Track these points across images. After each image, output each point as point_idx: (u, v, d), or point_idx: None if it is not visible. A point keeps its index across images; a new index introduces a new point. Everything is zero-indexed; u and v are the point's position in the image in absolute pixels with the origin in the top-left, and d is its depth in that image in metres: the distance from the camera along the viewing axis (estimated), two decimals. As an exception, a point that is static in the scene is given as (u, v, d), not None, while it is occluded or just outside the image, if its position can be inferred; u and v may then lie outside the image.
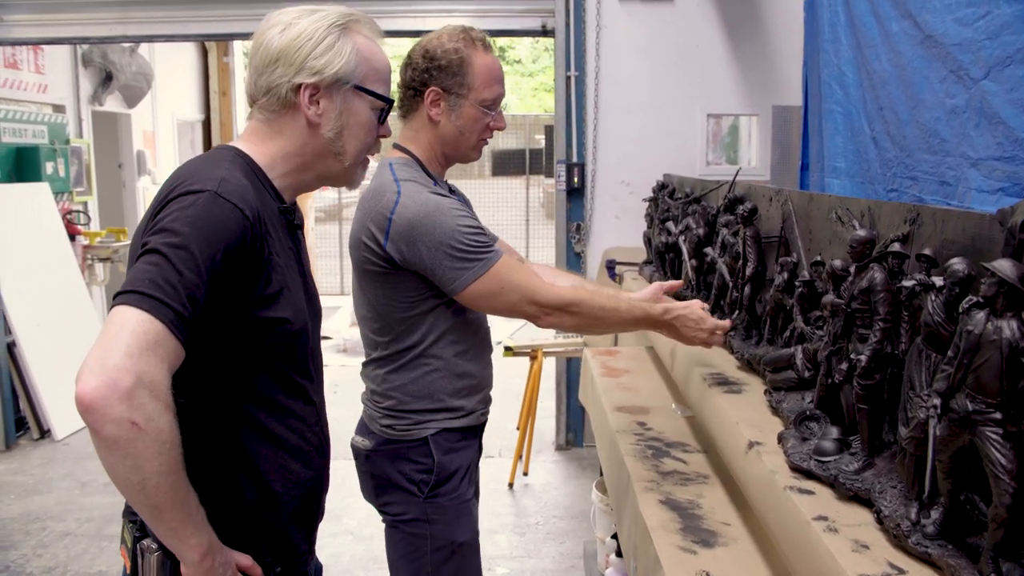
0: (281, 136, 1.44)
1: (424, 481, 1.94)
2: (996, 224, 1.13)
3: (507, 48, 23.36)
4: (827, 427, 1.52)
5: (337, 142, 1.45)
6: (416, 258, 1.81)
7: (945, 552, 1.12)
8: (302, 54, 1.39)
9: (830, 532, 1.26)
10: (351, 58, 1.42)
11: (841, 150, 3.88)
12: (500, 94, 1.97)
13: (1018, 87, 2.56)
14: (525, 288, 1.84)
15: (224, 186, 1.27)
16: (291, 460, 1.42)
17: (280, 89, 1.40)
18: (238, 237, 1.25)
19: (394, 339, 1.94)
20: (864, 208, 1.60)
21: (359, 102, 1.46)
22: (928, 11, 3.04)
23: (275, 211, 1.41)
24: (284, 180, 1.45)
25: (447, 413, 1.97)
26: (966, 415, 1.02)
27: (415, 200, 1.83)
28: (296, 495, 1.44)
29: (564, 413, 5.20)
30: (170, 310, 1.15)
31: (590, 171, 4.96)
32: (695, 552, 1.60)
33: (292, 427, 1.43)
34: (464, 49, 1.92)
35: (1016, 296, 0.97)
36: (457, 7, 4.85)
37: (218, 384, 1.34)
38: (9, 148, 5.95)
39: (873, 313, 1.32)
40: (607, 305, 1.90)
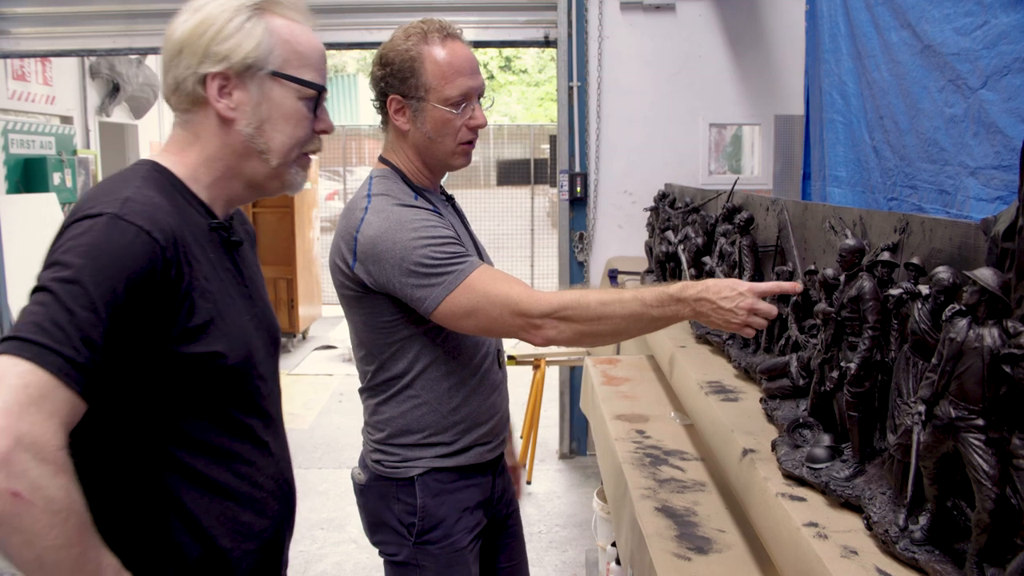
0: (199, 140, 1.27)
1: (412, 525, 1.81)
2: (981, 233, 1.15)
3: (513, 58, 23.49)
4: (819, 434, 1.53)
5: (258, 138, 1.27)
6: (384, 279, 1.66)
7: (932, 557, 1.13)
8: (205, 40, 1.22)
9: (820, 538, 1.28)
10: (264, 40, 1.24)
11: (842, 159, 3.89)
12: (469, 87, 1.74)
13: (1015, 96, 2.58)
14: (504, 299, 1.59)
15: (128, 207, 1.11)
16: (241, 511, 1.27)
17: (187, 83, 1.24)
18: (144, 265, 1.09)
19: (379, 369, 1.80)
20: (856, 217, 1.62)
21: (280, 91, 1.27)
22: (927, 21, 3.05)
23: (203, 229, 1.25)
24: (211, 192, 1.29)
25: (437, 449, 1.81)
26: (949, 422, 1.03)
27: (378, 215, 1.68)
28: (249, 549, 1.29)
29: (568, 422, 5.21)
30: (58, 357, 0.99)
31: (593, 181, 4.98)
32: (689, 559, 1.61)
33: (240, 473, 1.27)
34: (416, 47, 1.71)
35: (997, 304, 0.99)
36: (459, 18, 4.88)
37: (145, 432, 1.18)
38: (17, 159, 6.01)
39: (862, 321, 1.34)
40: (606, 299, 1.58)
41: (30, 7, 5.01)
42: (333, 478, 4.76)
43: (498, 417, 1.92)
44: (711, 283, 1.54)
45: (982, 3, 2.73)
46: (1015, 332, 0.96)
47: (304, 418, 6.10)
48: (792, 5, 4.70)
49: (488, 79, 21.95)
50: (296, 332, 8.22)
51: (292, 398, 6.63)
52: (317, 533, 4.15)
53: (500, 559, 2.04)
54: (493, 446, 1.91)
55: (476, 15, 4.94)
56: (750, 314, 1.51)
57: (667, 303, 1.55)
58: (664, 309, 1.55)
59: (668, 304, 1.55)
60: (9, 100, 6.05)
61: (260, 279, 1.44)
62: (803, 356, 1.77)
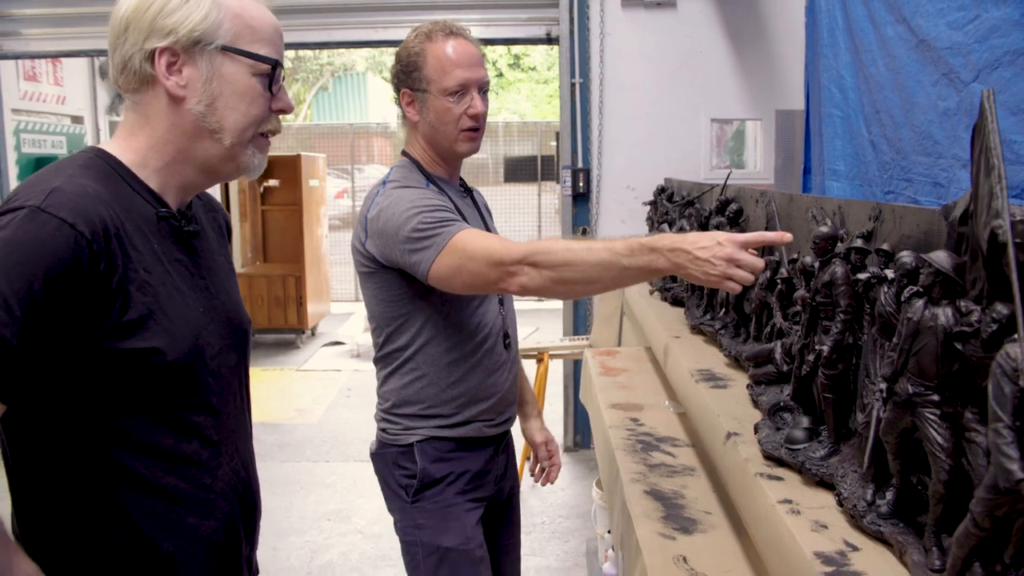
0: (148, 122, 1.21)
1: (409, 486, 1.93)
2: (943, 219, 1.19)
3: (522, 56, 23.50)
4: (799, 417, 1.58)
5: (210, 116, 1.21)
6: (388, 250, 1.80)
7: (896, 530, 1.18)
8: (151, 14, 1.17)
9: (793, 514, 1.33)
10: (212, 13, 1.19)
11: (840, 153, 3.93)
12: (466, 78, 1.87)
13: (1006, 90, 2.61)
14: (482, 252, 1.65)
15: (53, 198, 1.06)
16: (186, 513, 1.22)
17: (134, 60, 1.18)
18: (66, 258, 1.04)
19: (385, 341, 1.95)
20: (835, 207, 1.67)
21: (232, 66, 1.21)
22: (921, 16, 3.09)
23: (150, 219, 1.20)
24: (161, 177, 1.23)
25: (437, 420, 1.93)
26: (907, 398, 1.08)
27: (386, 196, 1.84)
28: (195, 552, 1.24)
29: (572, 415, 5.26)
30: None
31: (595, 176, 5.03)
32: (674, 538, 1.66)
33: (185, 475, 1.22)
34: (421, 44, 1.89)
35: (951, 285, 1.03)
36: (463, 15, 4.93)
37: (82, 432, 1.14)
38: (29, 158, 6.10)
39: (835, 306, 1.39)
40: (575, 246, 1.58)
41: (40, 8, 5.10)
42: (340, 471, 4.83)
43: (500, 396, 2.00)
44: (690, 234, 1.48)
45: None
46: (967, 311, 1.01)
47: (313, 413, 6.18)
48: (792, 0, 4.74)
49: (497, 76, 21.97)
50: (305, 329, 8.30)
51: (301, 394, 6.71)
52: (324, 524, 4.21)
53: (498, 537, 2.13)
54: (496, 423, 2.00)
55: (479, 12, 4.99)
56: (730, 265, 1.41)
57: (639, 252, 1.50)
58: (636, 258, 1.50)
59: (640, 253, 1.50)
60: (21, 100, 6.15)
61: (225, 270, 1.39)
62: (787, 343, 1.81)
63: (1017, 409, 0.79)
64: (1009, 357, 0.81)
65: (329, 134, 13.80)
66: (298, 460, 5.15)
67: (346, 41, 5.15)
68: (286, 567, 3.79)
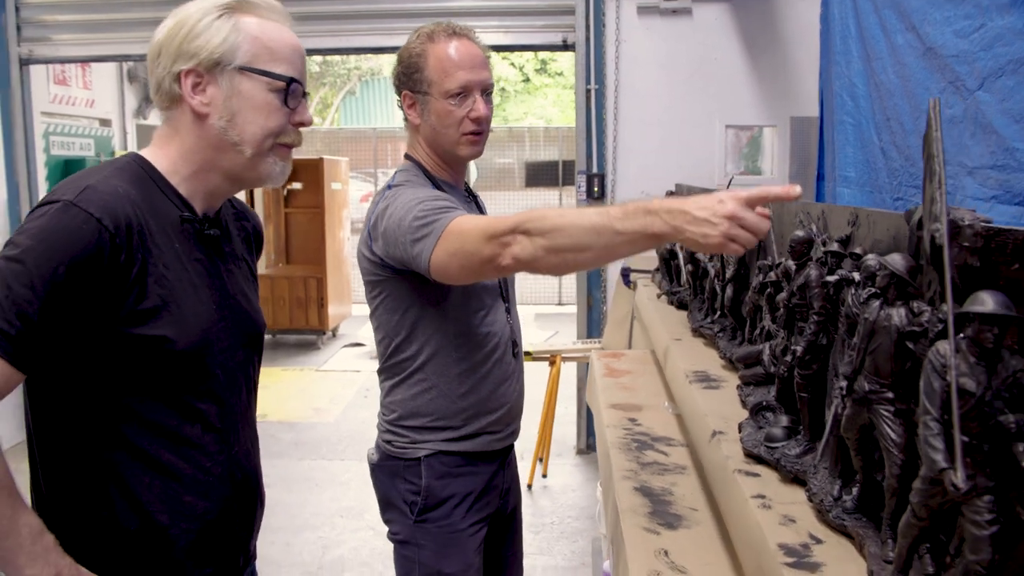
0: (177, 135, 1.35)
1: (414, 503, 1.89)
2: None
3: (548, 61, 23.57)
4: (779, 416, 1.62)
5: (231, 131, 1.33)
6: (392, 248, 1.76)
7: (858, 524, 1.22)
8: (178, 40, 1.31)
9: (764, 508, 1.37)
10: (231, 37, 1.31)
11: (852, 160, 3.94)
12: (468, 80, 1.84)
13: (1009, 97, 2.63)
14: (475, 230, 1.60)
15: (85, 195, 1.20)
16: (183, 491, 1.32)
17: (165, 82, 1.33)
18: (89, 248, 1.16)
19: (393, 351, 1.91)
20: (819, 212, 1.71)
21: (250, 84, 1.33)
22: (929, 24, 3.11)
23: (174, 220, 1.32)
24: (190, 184, 1.37)
25: (445, 433, 1.89)
26: (864, 395, 1.12)
27: (388, 198, 1.81)
28: (188, 528, 1.34)
29: (584, 418, 5.31)
30: None
31: (610, 181, 5.08)
32: (658, 533, 1.71)
33: (186, 456, 1.33)
34: (423, 46, 1.86)
35: (904, 286, 1.08)
36: (480, 23, 5.00)
37: (95, 407, 1.26)
38: (58, 160, 6.26)
39: (809, 307, 1.43)
40: (566, 211, 1.52)
41: (71, 15, 5.24)
42: (355, 469, 4.91)
43: (508, 407, 1.97)
44: (691, 197, 1.36)
45: (979, 6, 2.79)
46: (919, 311, 1.05)
47: (331, 412, 6.27)
48: (807, 7, 4.76)
49: (524, 81, 22.07)
50: (326, 330, 8.41)
51: (320, 393, 6.81)
52: (337, 520, 4.29)
53: (503, 549, 2.12)
54: (503, 436, 1.97)
55: (496, 20, 5.07)
56: (733, 224, 1.28)
57: (634, 215, 1.38)
58: (631, 221, 1.38)
59: (635, 216, 1.38)
60: (51, 104, 6.31)
61: (245, 274, 1.50)
62: (775, 344, 1.85)
63: (945, 403, 0.84)
64: (939, 354, 0.86)
65: (355, 138, 13.96)
66: (314, 458, 5.24)
67: (363, 47, 5.25)
68: (298, 561, 3.87)
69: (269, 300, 8.19)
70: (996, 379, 0.81)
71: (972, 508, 0.83)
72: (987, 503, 0.82)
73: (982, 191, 2.81)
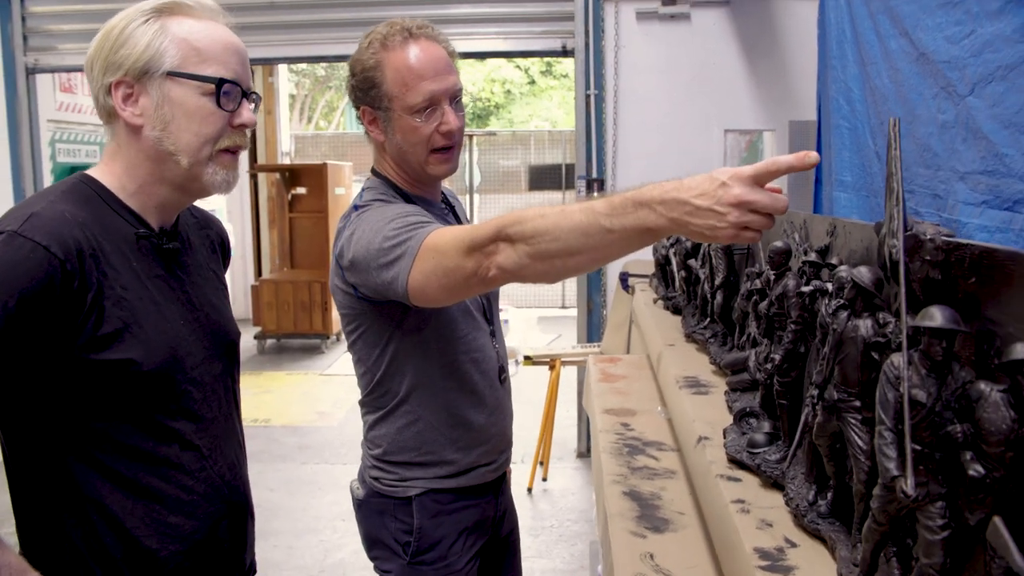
0: (120, 150, 1.30)
1: (407, 544, 1.78)
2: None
3: (554, 63, 23.61)
4: (762, 422, 1.65)
5: (166, 140, 1.27)
6: (365, 277, 1.59)
7: (831, 528, 1.26)
8: (104, 51, 1.26)
9: (743, 513, 1.40)
10: (156, 42, 1.25)
11: (848, 164, 3.97)
12: (433, 91, 1.64)
13: (999, 103, 2.66)
14: (454, 243, 1.43)
15: (31, 222, 1.15)
16: (168, 513, 1.29)
17: (100, 96, 1.28)
18: (39, 278, 1.12)
19: (376, 384, 1.79)
20: (801, 221, 1.74)
21: (180, 89, 1.27)
22: (921, 30, 3.14)
23: (129, 238, 1.28)
24: (139, 199, 1.31)
25: (437, 469, 1.79)
26: (833, 403, 1.16)
27: (353, 223, 1.65)
28: (178, 550, 1.31)
29: (584, 422, 5.34)
30: None
31: (610, 186, 5.11)
32: (644, 536, 1.74)
33: (166, 476, 1.29)
34: (376, 55, 1.66)
35: (870, 298, 1.11)
36: (480, 29, 5.06)
37: (66, 436, 1.22)
38: (64, 167, 6.33)
39: (787, 317, 1.47)
40: (548, 211, 1.32)
41: (76, 24, 5.30)
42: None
43: (499, 437, 1.89)
44: (685, 180, 1.19)
45: (970, 12, 2.82)
46: (884, 323, 1.08)
47: (334, 416, 6.31)
48: (805, 12, 4.79)
49: (529, 83, 22.10)
50: (329, 334, 8.46)
51: (323, 397, 6.85)
52: (338, 524, 4.33)
53: (498, 573, 2.06)
54: (495, 466, 1.90)
55: (495, 26, 5.11)
56: (743, 211, 1.11)
57: (623, 209, 1.22)
58: (621, 218, 1.22)
59: (625, 210, 1.22)
60: (57, 111, 6.38)
61: (212, 284, 1.46)
62: (760, 351, 1.89)
63: (898, 413, 0.87)
64: (893, 365, 0.89)
65: (357, 142, 13.98)
66: (317, 462, 5.28)
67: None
68: (300, 565, 3.91)
69: (273, 304, 8.25)
70: (946, 390, 0.85)
71: (925, 514, 0.87)
72: (939, 509, 0.86)
73: (973, 196, 2.84)
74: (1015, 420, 0.77)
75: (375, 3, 5.10)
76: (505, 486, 2.03)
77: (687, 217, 1.15)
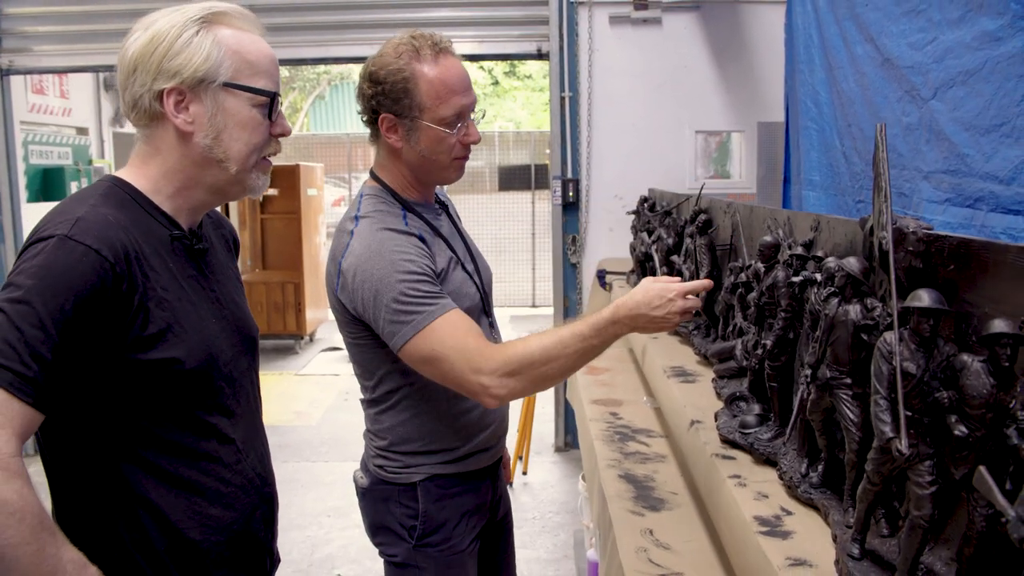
0: (159, 153, 1.32)
1: (413, 528, 1.84)
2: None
3: (518, 64, 23.75)
4: (752, 405, 1.78)
5: (217, 148, 1.31)
6: (360, 309, 1.67)
7: (823, 497, 1.38)
8: (157, 57, 1.26)
9: (740, 487, 1.52)
10: (213, 53, 1.28)
11: (816, 164, 4.11)
12: (463, 105, 1.73)
13: (960, 106, 2.81)
14: (462, 354, 1.59)
15: (79, 226, 1.18)
16: (208, 505, 1.33)
17: (143, 100, 1.28)
18: (93, 282, 1.15)
19: (377, 383, 1.83)
20: (784, 218, 1.87)
21: (234, 101, 1.31)
22: (886, 36, 3.29)
23: (164, 240, 1.31)
24: (174, 202, 1.34)
25: (439, 456, 1.84)
26: (826, 381, 1.28)
27: (361, 243, 1.68)
28: (218, 541, 1.35)
29: (562, 417, 5.45)
30: (8, 372, 1.08)
31: (584, 186, 5.23)
32: (643, 515, 1.86)
33: (206, 470, 1.33)
34: (409, 65, 1.69)
35: (859, 286, 1.23)
36: (455, 32, 5.14)
37: (112, 433, 1.25)
38: (36, 169, 6.30)
39: (777, 305, 1.59)
40: (548, 345, 1.59)
41: (51, 26, 5.29)
42: (339, 470, 5.00)
43: (497, 424, 1.95)
44: (640, 297, 1.57)
45: (932, 20, 2.97)
46: (872, 307, 1.20)
47: (311, 415, 6.36)
48: (773, 17, 4.95)
49: (492, 84, 22.21)
50: (303, 334, 8.48)
51: (299, 397, 6.89)
52: (324, 520, 4.39)
53: (495, 553, 2.13)
54: (493, 452, 1.95)
55: (472, 30, 5.20)
56: (681, 316, 1.58)
57: (603, 329, 1.59)
58: (602, 336, 1.59)
59: (606, 330, 1.59)
60: (28, 113, 6.34)
61: (233, 282, 1.49)
62: (746, 340, 2.01)
63: (891, 384, 0.99)
64: (886, 342, 1.01)
65: (327, 143, 14.02)
66: (298, 460, 5.33)
67: (342, 57, 5.36)
68: (288, 560, 3.96)
69: (247, 306, 8.23)
70: (933, 363, 0.97)
71: (915, 472, 0.99)
72: (928, 467, 0.98)
73: (936, 194, 2.99)
74: (994, 385, 0.90)
75: (354, 6, 5.18)
76: (500, 471, 2.10)
77: (646, 324, 1.60)
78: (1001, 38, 2.63)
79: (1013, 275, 0.95)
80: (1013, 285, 0.95)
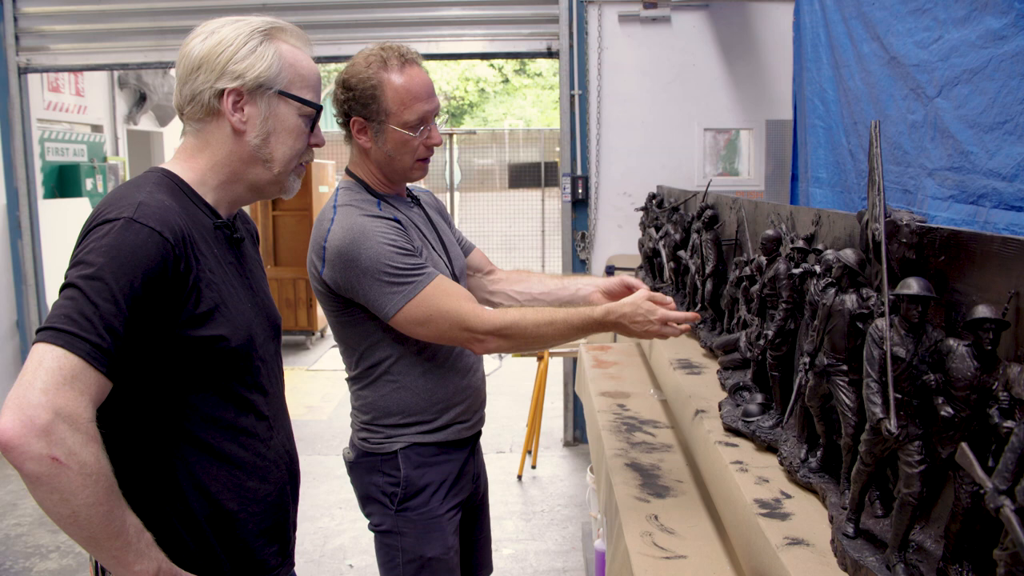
0: (208, 147, 1.42)
1: (394, 494, 1.96)
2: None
3: (528, 62, 23.80)
4: (754, 394, 1.83)
5: (264, 148, 1.42)
6: (349, 284, 1.81)
7: (821, 481, 1.43)
8: (223, 59, 1.37)
9: (741, 472, 1.58)
10: (274, 63, 1.40)
11: (823, 162, 4.15)
12: (425, 112, 1.89)
13: (965, 104, 2.85)
14: (454, 315, 1.78)
15: (142, 210, 1.26)
16: (246, 477, 1.42)
17: (203, 96, 1.38)
18: (158, 261, 1.24)
19: (359, 360, 1.96)
20: (788, 213, 1.91)
21: (285, 108, 1.43)
22: (892, 34, 3.33)
23: (209, 228, 1.41)
24: (216, 194, 1.44)
25: (417, 427, 1.96)
26: (823, 369, 1.33)
27: (343, 226, 1.82)
28: (255, 511, 1.44)
29: (571, 411, 5.51)
30: (87, 343, 1.15)
31: (594, 184, 5.28)
32: (649, 501, 1.91)
33: (244, 444, 1.42)
34: (377, 74, 1.86)
35: (855, 276, 1.28)
36: (467, 31, 5.20)
37: (158, 407, 1.33)
38: (52, 166, 6.38)
39: (778, 297, 1.64)
40: (541, 321, 1.81)
41: (68, 25, 5.38)
42: (350, 464, 5.08)
43: (473, 397, 2.06)
44: (628, 309, 1.77)
45: (937, 19, 3.01)
46: (867, 297, 1.25)
47: (323, 410, 6.43)
48: (781, 16, 4.99)
49: (503, 82, 22.25)
50: (314, 330, 8.56)
51: (311, 392, 6.96)
52: (335, 512, 4.46)
53: (474, 533, 2.23)
54: (471, 424, 2.06)
55: (483, 28, 5.25)
56: (662, 325, 1.75)
57: (590, 327, 1.82)
58: (588, 330, 1.84)
59: (592, 327, 1.82)
60: (44, 110, 6.43)
61: (260, 272, 1.59)
62: (750, 332, 2.06)
63: (882, 368, 1.04)
64: (877, 328, 1.06)
65: (338, 141, 14.04)
66: (310, 454, 5.40)
67: (348, 56, 5.45)
68: (300, 551, 4.03)
69: (259, 301, 8.31)
70: (921, 347, 1.02)
71: (905, 452, 1.04)
72: (917, 447, 1.03)
73: (941, 191, 3.03)
74: (978, 368, 0.95)
75: (366, 5, 5.24)
76: (478, 447, 2.20)
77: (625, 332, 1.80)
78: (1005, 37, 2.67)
79: (998, 264, 1.00)
80: (998, 273, 1.00)
